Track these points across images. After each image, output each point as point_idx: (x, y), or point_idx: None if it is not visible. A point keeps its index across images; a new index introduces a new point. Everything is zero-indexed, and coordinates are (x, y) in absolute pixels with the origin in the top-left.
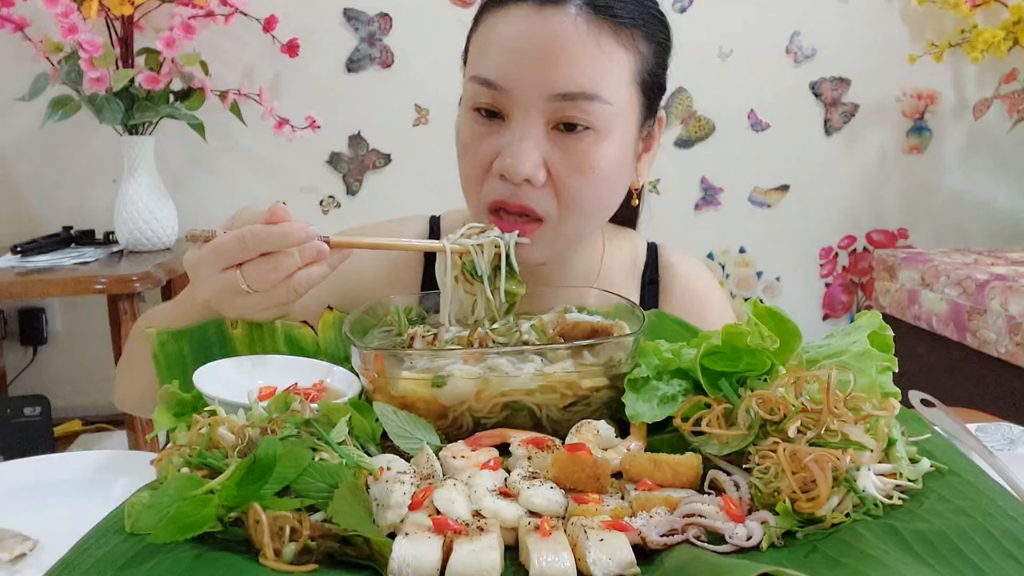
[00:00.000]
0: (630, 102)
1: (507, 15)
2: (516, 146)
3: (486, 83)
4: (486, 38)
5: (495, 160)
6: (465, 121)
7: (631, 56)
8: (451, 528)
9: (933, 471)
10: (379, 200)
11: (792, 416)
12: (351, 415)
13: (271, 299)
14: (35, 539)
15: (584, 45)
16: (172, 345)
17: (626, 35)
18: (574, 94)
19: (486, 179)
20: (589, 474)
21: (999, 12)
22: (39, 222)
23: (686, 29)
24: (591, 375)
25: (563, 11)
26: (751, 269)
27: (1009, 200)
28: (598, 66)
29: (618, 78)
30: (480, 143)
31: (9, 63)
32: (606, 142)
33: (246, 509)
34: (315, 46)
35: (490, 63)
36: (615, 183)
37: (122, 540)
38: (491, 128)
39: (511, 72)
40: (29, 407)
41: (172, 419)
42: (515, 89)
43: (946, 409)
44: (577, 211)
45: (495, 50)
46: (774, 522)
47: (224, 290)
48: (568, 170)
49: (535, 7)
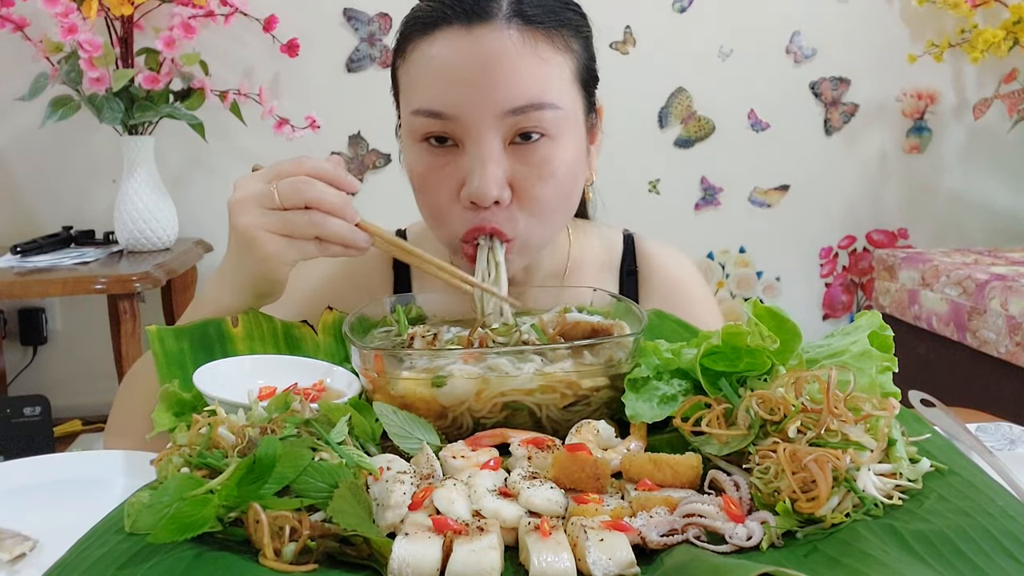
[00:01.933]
0: (575, 100)
1: (436, 41)
2: (480, 170)
3: (433, 114)
4: (420, 68)
5: (461, 189)
6: (414, 155)
7: (566, 57)
8: (451, 528)
9: (933, 471)
10: (379, 200)
11: (792, 416)
12: (351, 415)
13: (287, 220)
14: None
15: (523, 57)
16: (172, 343)
17: (558, 38)
18: (524, 107)
19: (452, 210)
20: (589, 474)
21: (999, 12)
22: (39, 222)
23: (686, 29)
24: (591, 375)
25: (494, 27)
26: (751, 269)
27: (1009, 200)
28: (541, 74)
29: (561, 81)
30: (438, 174)
31: (9, 63)
32: (561, 145)
33: (246, 509)
34: (315, 46)
35: (432, 93)
36: (574, 183)
37: (121, 540)
38: (445, 157)
39: (457, 99)
40: (29, 407)
41: (172, 419)
42: (465, 115)
43: (946, 409)
44: (543, 219)
45: (434, 79)
46: (774, 522)
47: (257, 197)
48: (530, 181)
49: (464, 28)
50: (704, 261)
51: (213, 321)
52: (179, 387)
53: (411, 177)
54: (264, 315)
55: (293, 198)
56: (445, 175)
